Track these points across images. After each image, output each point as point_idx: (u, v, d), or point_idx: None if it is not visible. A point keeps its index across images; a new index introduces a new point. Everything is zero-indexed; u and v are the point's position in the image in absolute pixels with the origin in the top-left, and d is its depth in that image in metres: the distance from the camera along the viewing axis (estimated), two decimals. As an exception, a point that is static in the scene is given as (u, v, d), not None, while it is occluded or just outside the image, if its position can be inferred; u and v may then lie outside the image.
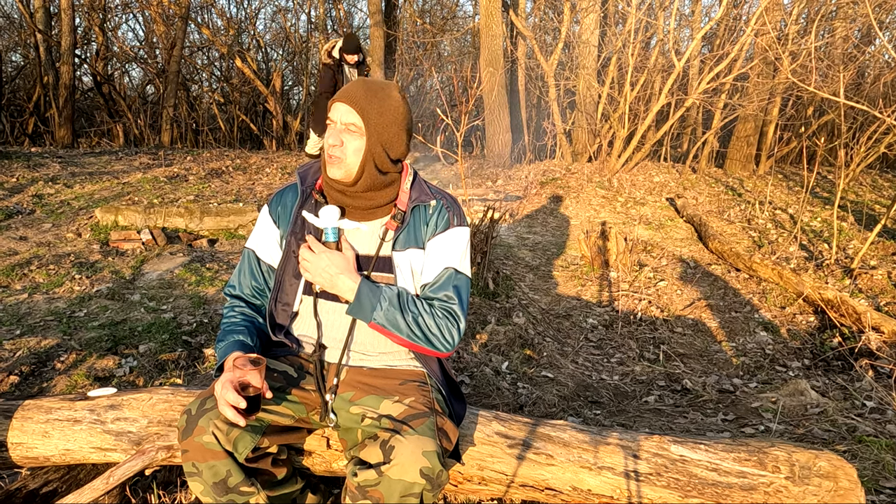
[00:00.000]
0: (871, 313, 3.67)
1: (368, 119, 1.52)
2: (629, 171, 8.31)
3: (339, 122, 1.54)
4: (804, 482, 1.58)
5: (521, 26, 9.67)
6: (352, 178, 1.56)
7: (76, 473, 1.93)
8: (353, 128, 1.53)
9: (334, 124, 1.55)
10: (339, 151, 1.54)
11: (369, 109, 1.52)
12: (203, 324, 3.50)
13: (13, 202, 5.54)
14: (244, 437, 1.43)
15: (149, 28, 13.44)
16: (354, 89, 1.53)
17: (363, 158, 1.54)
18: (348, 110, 1.52)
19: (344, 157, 1.54)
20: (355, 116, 1.52)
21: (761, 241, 5.83)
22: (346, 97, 1.53)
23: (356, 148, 1.54)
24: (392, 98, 1.55)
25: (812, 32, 5.73)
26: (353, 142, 1.54)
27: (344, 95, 1.53)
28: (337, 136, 1.53)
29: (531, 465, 1.69)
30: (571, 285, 4.94)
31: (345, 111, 1.53)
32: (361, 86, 1.54)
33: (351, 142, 1.54)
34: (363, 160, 1.54)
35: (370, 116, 1.52)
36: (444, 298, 1.58)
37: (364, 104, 1.51)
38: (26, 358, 3.00)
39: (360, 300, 1.52)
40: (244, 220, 5.35)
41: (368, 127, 1.52)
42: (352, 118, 1.52)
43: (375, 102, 1.52)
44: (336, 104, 1.54)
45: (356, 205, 1.60)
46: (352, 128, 1.53)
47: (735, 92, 8.48)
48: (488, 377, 3.03)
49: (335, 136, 1.53)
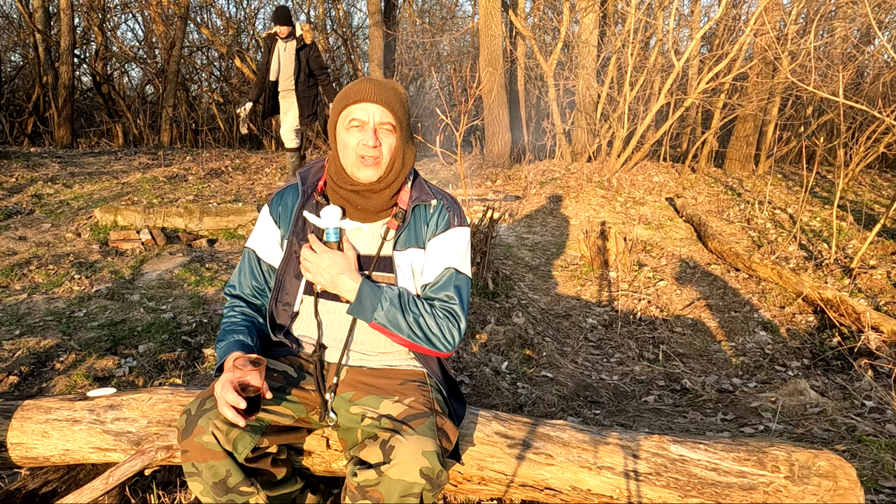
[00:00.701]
0: (870, 313, 3.67)
1: (397, 114, 1.54)
2: (628, 171, 8.31)
3: (372, 122, 1.53)
4: (804, 482, 1.59)
5: (521, 26, 9.67)
6: (380, 176, 1.57)
7: (76, 473, 1.93)
8: (388, 126, 1.54)
9: (364, 124, 1.53)
10: (378, 151, 1.54)
11: (395, 105, 1.54)
12: (202, 324, 3.50)
13: (12, 202, 5.54)
14: (244, 437, 1.43)
15: (148, 28, 13.44)
16: (372, 88, 1.52)
17: (393, 154, 1.57)
18: (379, 109, 1.53)
19: (380, 157, 1.55)
20: (388, 115, 1.53)
21: (761, 241, 5.83)
22: (375, 97, 1.52)
23: (390, 145, 1.56)
24: (401, 91, 1.58)
25: (811, 32, 5.73)
26: (388, 139, 1.55)
27: (371, 96, 1.52)
28: (373, 136, 1.53)
29: (531, 464, 1.69)
30: (571, 285, 4.94)
31: (375, 110, 1.53)
32: (375, 84, 1.54)
33: (387, 140, 1.55)
34: (393, 156, 1.57)
35: (397, 111, 1.54)
36: (445, 298, 1.58)
37: (391, 100, 1.53)
38: (26, 358, 3.00)
39: (361, 300, 1.52)
40: (244, 220, 5.35)
41: (399, 122, 1.55)
42: (386, 117, 1.53)
43: (395, 97, 1.54)
44: (362, 104, 1.53)
45: (365, 205, 1.60)
46: (387, 126, 1.54)
47: (734, 92, 8.48)
48: (488, 377, 3.03)
49: (371, 137, 1.52)
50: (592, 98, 8.75)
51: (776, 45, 6.62)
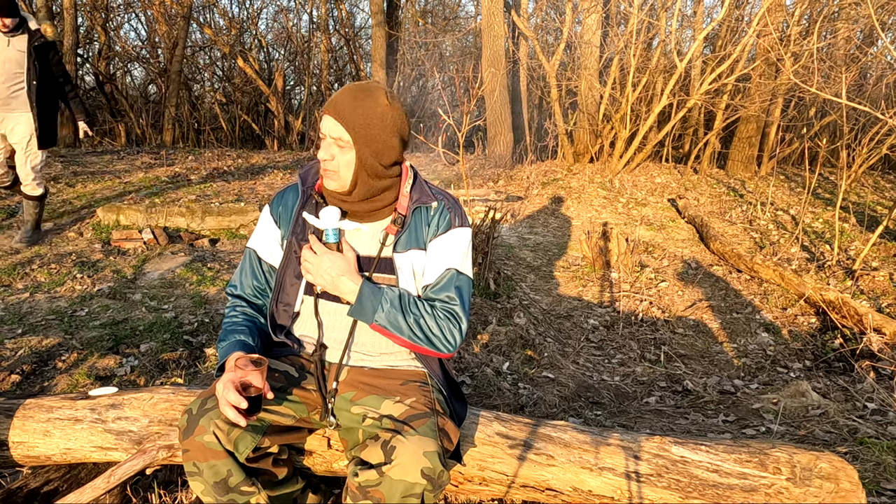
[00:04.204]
0: (872, 315, 3.66)
1: (355, 131, 1.50)
2: (631, 172, 8.31)
3: (329, 136, 1.53)
4: (805, 484, 1.58)
5: (523, 27, 9.67)
6: (346, 189, 1.56)
7: (77, 472, 1.93)
8: (341, 142, 1.51)
9: (325, 137, 1.54)
10: (332, 165, 1.54)
11: (355, 121, 1.49)
12: (204, 323, 3.51)
13: (15, 201, 5.55)
14: (245, 437, 1.43)
15: (151, 27, 13.46)
16: (341, 100, 1.51)
17: (355, 170, 1.54)
18: (334, 123, 1.51)
19: (337, 170, 1.54)
20: (341, 130, 1.50)
21: (763, 243, 5.82)
22: (332, 109, 1.51)
23: (347, 161, 1.53)
24: (379, 104, 1.51)
25: (814, 33, 5.72)
26: (344, 155, 1.53)
27: (330, 107, 1.52)
28: (328, 150, 1.53)
29: (532, 465, 1.69)
30: (573, 286, 4.94)
31: (331, 125, 1.51)
32: (348, 95, 1.51)
33: (341, 155, 1.53)
34: (355, 171, 1.54)
35: (356, 128, 1.50)
36: (446, 299, 1.58)
37: (349, 116, 1.49)
38: (28, 357, 3.00)
39: (362, 302, 1.52)
40: (245, 220, 5.36)
41: (356, 139, 1.51)
42: (338, 132, 1.51)
43: (360, 112, 1.50)
44: (324, 117, 1.53)
45: (356, 210, 1.60)
46: (340, 142, 1.52)
47: (737, 93, 8.47)
48: (489, 377, 3.03)
49: (326, 149, 1.53)
50: (595, 99, 8.75)
51: (779, 47, 6.61)
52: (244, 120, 13.40)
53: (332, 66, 14.95)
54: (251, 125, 13.50)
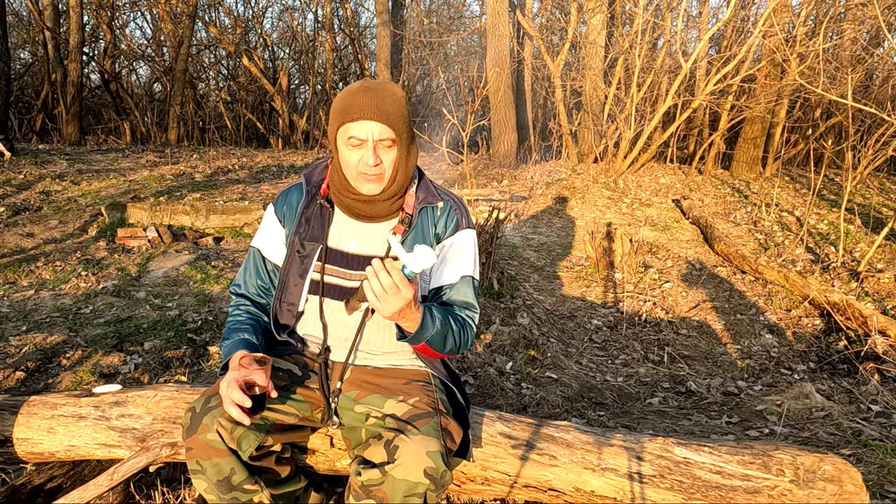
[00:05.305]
0: (877, 317, 3.65)
1: (397, 127, 1.48)
2: (635, 173, 8.29)
3: (372, 140, 1.47)
4: (809, 486, 1.58)
5: (528, 26, 9.66)
6: (384, 188, 1.55)
7: (81, 469, 1.94)
8: (387, 142, 1.49)
9: (363, 142, 1.48)
10: (380, 168, 1.51)
11: (395, 117, 1.47)
12: (208, 321, 3.51)
13: (20, 199, 5.57)
14: (248, 436, 1.43)
15: (156, 26, 13.49)
16: (371, 103, 1.45)
17: (396, 166, 1.53)
18: (376, 125, 1.46)
19: (383, 172, 1.52)
20: (388, 130, 1.48)
21: (767, 244, 5.81)
22: (373, 113, 1.45)
23: (392, 159, 1.52)
24: (398, 95, 1.50)
25: (820, 34, 5.69)
26: (390, 154, 1.51)
27: (369, 112, 1.45)
28: (374, 155, 1.48)
29: (534, 465, 1.69)
30: (576, 286, 4.94)
31: (373, 127, 1.46)
32: (373, 95, 1.46)
33: (387, 155, 1.51)
34: (396, 167, 1.53)
35: (397, 123, 1.48)
36: (463, 306, 1.61)
37: (391, 113, 1.46)
38: (32, 354, 3.01)
39: (421, 332, 1.46)
40: (250, 219, 5.37)
41: (399, 134, 1.49)
42: (386, 133, 1.48)
43: (394, 106, 1.48)
44: (360, 122, 1.46)
45: (369, 211, 1.59)
46: (387, 142, 1.49)
47: (742, 93, 8.45)
48: (492, 377, 3.03)
49: (372, 155, 1.48)
50: (599, 99, 8.73)
51: (785, 47, 6.59)
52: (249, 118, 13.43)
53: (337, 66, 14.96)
54: (256, 124, 13.52)
